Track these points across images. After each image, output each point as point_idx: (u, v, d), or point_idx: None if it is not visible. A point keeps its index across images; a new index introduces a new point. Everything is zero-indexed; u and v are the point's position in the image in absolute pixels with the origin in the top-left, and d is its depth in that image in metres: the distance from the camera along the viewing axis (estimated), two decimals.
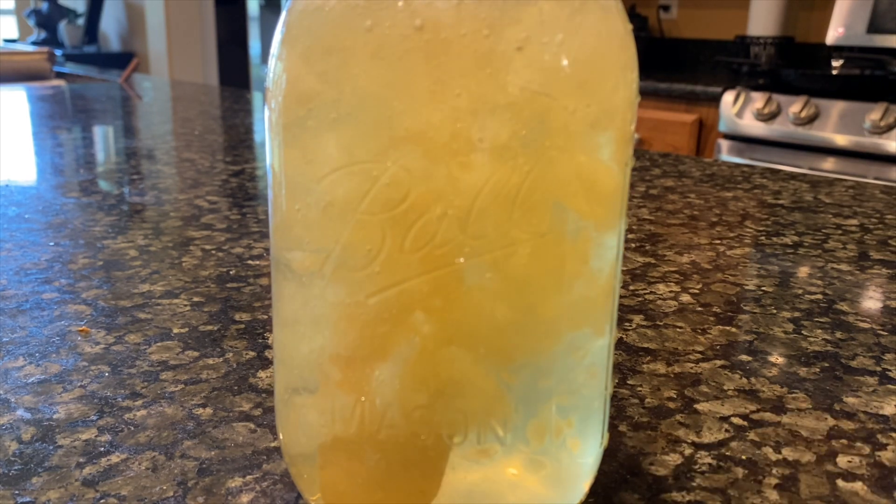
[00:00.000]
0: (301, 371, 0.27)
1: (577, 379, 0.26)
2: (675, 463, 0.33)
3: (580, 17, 0.23)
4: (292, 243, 0.26)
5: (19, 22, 4.77)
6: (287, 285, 0.26)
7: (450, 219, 0.23)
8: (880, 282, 0.57)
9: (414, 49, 0.22)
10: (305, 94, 0.23)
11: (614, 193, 0.25)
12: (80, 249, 0.60)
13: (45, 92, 1.72)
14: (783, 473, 0.32)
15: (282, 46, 0.24)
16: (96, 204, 0.75)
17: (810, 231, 0.70)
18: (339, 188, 0.23)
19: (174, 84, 2.17)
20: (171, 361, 0.41)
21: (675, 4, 2.77)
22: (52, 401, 0.37)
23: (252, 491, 0.30)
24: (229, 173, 0.91)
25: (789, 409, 0.38)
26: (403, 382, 0.24)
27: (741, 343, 0.46)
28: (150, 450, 0.33)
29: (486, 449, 0.25)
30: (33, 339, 0.44)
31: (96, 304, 0.49)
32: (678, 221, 0.73)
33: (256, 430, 0.35)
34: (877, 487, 0.31)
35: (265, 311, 0.49)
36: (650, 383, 0.40)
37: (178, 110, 1.61)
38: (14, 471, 0.31)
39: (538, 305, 0.24)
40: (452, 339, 0.24)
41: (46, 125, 1.27)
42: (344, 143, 0.23)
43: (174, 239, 0.64)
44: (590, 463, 0.28)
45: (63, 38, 4.30)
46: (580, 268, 0.25)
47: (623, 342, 0.45)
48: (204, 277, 0.54)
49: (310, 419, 0.27)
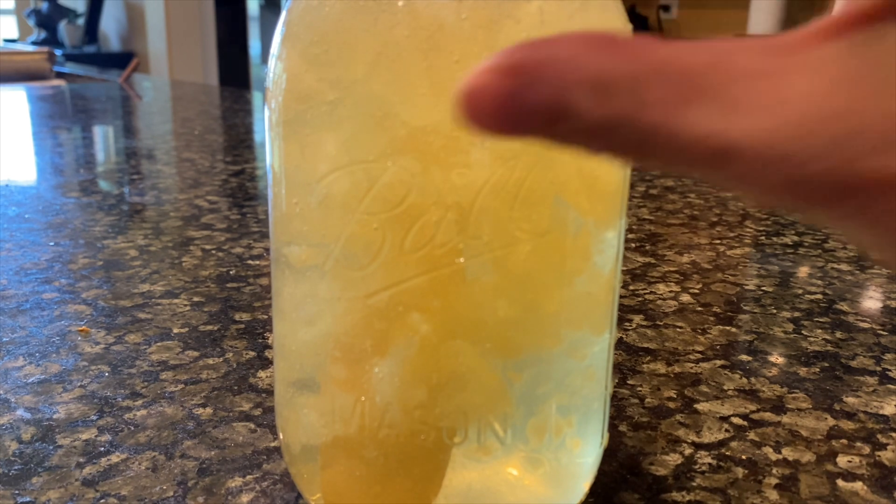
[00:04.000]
0: (301, 364, 0.26)
1: (578, 378, 0.26)
2: (675, 463, 0.33)
3: (580, 17, 0.23)
4: (293, 240, 0.26)
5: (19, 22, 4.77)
6: (287, 282, 0.26)
7: (450, 218, 0.23)
8: (880, 282, 0.57)
9: (414, 49, 0.22)
10: (305, 93, 0.23)
11: (615, 191, 0.25)
12: (80, 249, 0.60)
13: (45, 92, 1.72)
14: (783, 473, 0.32)
15: (282, 46, 0.24)
16: (96, 204, 0.75)
17: (810, 231, 0.70)
18: (339, 188, 0.23)
19: (174, 84, 2.18)
20: (171, 361, 0.41)
21: (675, 4, 2.77)
22: (52, 401, 0.37)
23: (252, 491, 0.30)
24: (229, 173, 0.91)
25: (789, 408, 0.38)
26: (404, 379, 0.24)
27: (741, 343, 0.46)
28: (150, 450, 0.33)
29: (486, 447, 0.25)
30: (33, 338, 0.44)
31: (96, 304, 0.49)
32: (678, 221, 0.73)
33: (256, 430, 0.35)
34: (877, 487, 0.31)
35: (265, 310, 0.49)
36: (650, 383, 0.40)
37: (177, 110, 1.61)
38: (14, 471, 0.31)
39: (539, 303, 0.24)
40: (456, 333, 0.24)
41: (46, 125, 1.27)
42: (344, 142, 0.23)
43: (174, 239, 0.64)
44: (590, 463, 0.28)
45: (63, 37, 4.30)
46: (580, 266, 0.25)
47: (623, 342, 0.45)
48: (204, 277, 0.54)
49: (310, 419, 0.27)
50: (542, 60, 0.13)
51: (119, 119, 1.45)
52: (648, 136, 0.12)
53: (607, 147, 0.13)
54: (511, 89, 0.13)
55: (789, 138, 0.11)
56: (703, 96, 0.12)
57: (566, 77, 0.12)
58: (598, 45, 0.12)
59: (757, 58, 0.12)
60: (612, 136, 0.12)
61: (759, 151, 0.11)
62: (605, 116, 0.12)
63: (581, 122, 0.12)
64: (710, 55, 0.12)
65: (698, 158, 0.12)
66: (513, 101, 0.13)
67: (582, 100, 0.12)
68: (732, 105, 0.12)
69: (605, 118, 0.12)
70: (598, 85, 0.12)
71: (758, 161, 0.11)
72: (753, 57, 0.12)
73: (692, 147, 0.12)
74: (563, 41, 0.13)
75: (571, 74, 0.12)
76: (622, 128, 0.12)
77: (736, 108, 0.12)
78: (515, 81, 0.13)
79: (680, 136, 0.12)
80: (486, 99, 0.13)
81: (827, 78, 0.11)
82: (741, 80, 0.12)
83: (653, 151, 0.12)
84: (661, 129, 0.12)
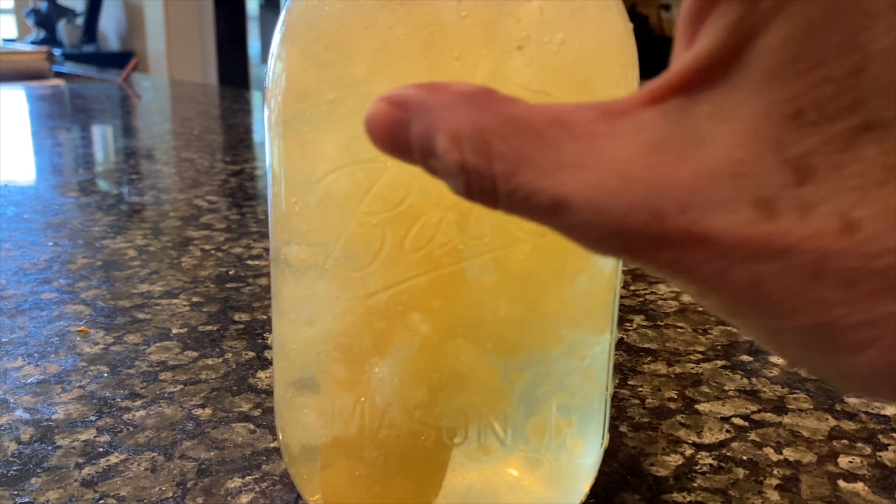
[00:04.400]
0: (301, 364, 0.26)
1: (578, 379, 0.26)
2: (676, 463, 0.33)
3: (581, 16, 0.23)
4: (292, 239, 0.25)
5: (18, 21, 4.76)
6: (286, 282, 0.26)
7: (450, 219, 0.22)
8: None
9: (414, 48, 0.22)
10: (305, 93, 0.23)
11: None
12: (79, 249, 0.60)
13: (44, 91, 1.72)
14: (784, 474, 0.32)
15: (281, 45, 0.24)
16: (95, 204, 0.75)
17: None
18: (339, 187, 0.23)
19: (173, 84, 2.17)
20: (171, 362, 0.41)
21: (675, 3, 2.77)
22: (51, 401, 0.37)
23: (251, 491, 0.30)
24: (228, 173, 0.91)
25: (790, 409, 0.38)
26: (404, 379, 0.24)
27: (742, 343, 0.45)
28: (150, 450, 0.33)
29: (486, 447, 0.25)
30: (32, 339, 0.44)
31: (95, 305, 0.49)
32: None
33: (256, 431, 0.35)
34: (878, 488, 0.31)
35: (264, 311, 0.49)
36: (651, 384, 0.40)
37: (177, 110, 1.61)
38: (13, 471, 0.31)
39: (539, 303, 0.24)
40: (456, 333, 0.24)
41: (45, 125, 1.27)
42: (343, 142, 0.23)
43: (173, 239, 0.64)
44: (590, 463, 0.28)
45: (62, 37, 4.29)
46: (581, 266, 0.25)
47: (624, 342, 0.45)
48: (203, 277, 0.54)
49: (310, 419, 0.26)
50: (422, 102, 0.15)
51: (118, 119, 1.45)
52: (495, 185, 0.14)
53: (465, 191, 0.14)
54: (395, 120, 0.15)
55: (608, 194, 0.13)
56: (542, 153, 0.13)
57: (433, 121, 0.14)
58: (467, 99, 0.14)
59: (590, 119, 0.13)
60: (467, 182, 0.14)
61: (583, 204, 0.13)
62: (456, 162, 0.14)
63: (441, 163, 0.14)
64: (553, 115, 0.14)
65: (536, 209, 0.13)
66: (395, 130, 0.15)
67: (440, 144, 0.14)
68: (565, 162, 0.13)
69: (456, 164, 0.14)
70: (453, 134, 0.14)
71: (582, 213, 0.13)
72: (587, 118, 0.13)
73: (531, 198, 0.13)
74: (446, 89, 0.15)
75: (438, 120, 0.14)
76: (472, 175, 0.14)
77: (567, 164, 0.13)
78: (400, 114, 0.15)
79: (521, 187, 0.13)
80: (379, 124, 0.15)
81: (643, 142, 0.13)
82: (575, 139, 0.13)
83: (500, 199, 0.14)
84: (504, 180, 0.14)
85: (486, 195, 0.14)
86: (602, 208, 0.13)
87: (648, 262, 0.13)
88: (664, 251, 0.13)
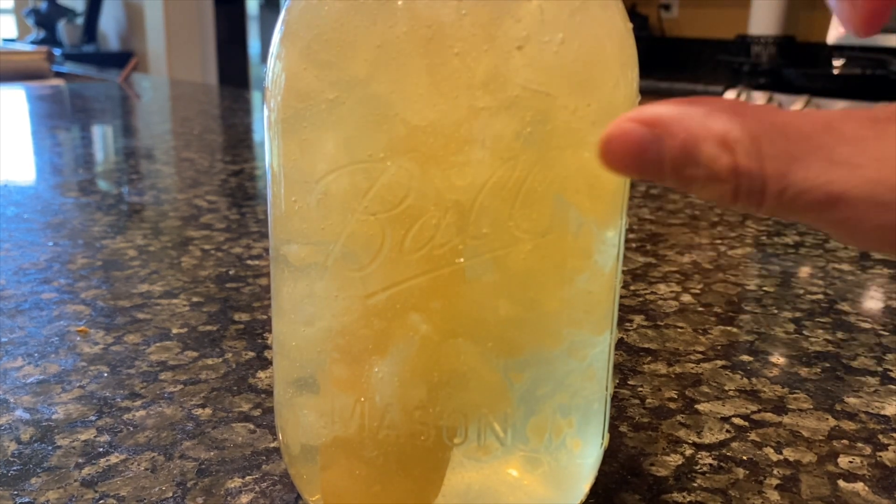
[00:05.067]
0: (301, 364, 0.26)
1: (578, 379, 0.26)
2: (676, 463, 0.33)
3: (580, 16, 0.23)
4: (292, 238, 0.25)
5: (18, 21, 4.76)
6: (286, 281, 0.26)
7: (450, 219, 0.22)
8: (881, 282, 0.57)
9: (414, 48, 0.22)
10: (304, 92, 0.23)
11: (615, 191, 0.25)
12: (78, 249, 0.60)
13: (43, 91, 1.72)
14: (784, 474, 0.32)
15: (281, 45, 0.24)
16: (95, 204, 0.75)
17: (811, 231, 0.70)
18: (339, 187, 0.23)
19: (173, 83, 2.17)
20: (171, 362, 0.41)
21: (675, 3, 2.77)
22: (51, 401, 0.37)
23: (251, 492, 0.30)
24: (228, 173, 0.91)
25: (790, 409, 0.37)
26: (404, 379, 0.24)
27: (742, 343, 0.45)
28: (150, 450, 0.33)
29: (485, 447, 0.25)
30: (32, 339, 0.44)
31: (95, 305, 0.49)
32: (679, 221, 0.73)
33: (256, 431, 0.35)
34: (878, 488, 0.31)
35: (264, 311, 0.49)
36: (651, 384, 0.40)
37: (177, 110, 1.61)
38: (13, 471, 0.31)
39: (539, 303, 0.24)
40: (456, 333, 0.24)
41: (45, 125, 1.27)
42: (343, 141, 0.23)
43: (173, 239, 0.64)
44: (590, 463, 0.28)
45: (62, 37, 4.29)
46: (581, 266, 0.25)
47: (624, 342, 0.45)
48: (203, 277, 0.54)
49: (310, 419, 0.26)
50: (678, 115, 0.15)
51: (118, 119, 1.45)
52: (765, 185, 0.15)
53: (732, 193, 0.15)
54: (646, 136, 0.16)
55: (888, 189, 0.14)
56: (814, 154, 0.14)
57: (696, 130, 0.15)
58: (728, 108, 0.15)
59: (858, 125, 0.14)
60: (736, 184, 0.15)
61: (860, 199, 0.14)
62: (727, 166, 0.15)
63: (705, 170, 0.15)
64: (820, 121, 0.15)
65: (807, 205, 0.14)
66: (645, 146, 0.16)
67: (706, 151, 0.15)
68: (838, 162, 0.14)
69: (727, 167, 0.15)
70: (721, 140, 0.15)
71: (859, 207, 0.14)
72: (855, 124, 0.14)
73: (802, 195, 0.14)
74: (703, 102, 0.15)
75: (702, 129, 0.15)
76: (742, 177, 0.15)
77: (841, 164, 0.14)
78: (651, 131, 0.16)
79: (792, 185, 0.14)
80: (627, 143, 0.16)
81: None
82: (846, 142, 0.14)
83: (767, 198, 0.15)
84: (776, 179, 0.14)
85: (752, 196, 0.15)
86: (881, 202, 0.14)
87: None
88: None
